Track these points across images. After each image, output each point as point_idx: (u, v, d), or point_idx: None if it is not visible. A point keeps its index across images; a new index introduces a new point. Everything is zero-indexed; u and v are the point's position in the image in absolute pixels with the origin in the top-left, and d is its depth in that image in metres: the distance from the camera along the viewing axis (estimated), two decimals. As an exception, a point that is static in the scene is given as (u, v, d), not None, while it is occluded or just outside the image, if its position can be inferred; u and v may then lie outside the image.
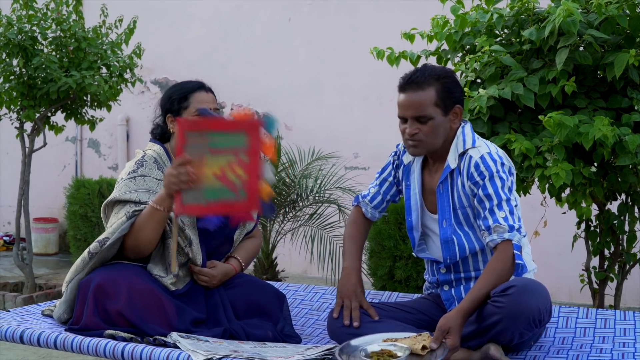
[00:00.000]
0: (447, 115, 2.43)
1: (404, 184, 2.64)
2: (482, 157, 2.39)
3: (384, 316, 2.50)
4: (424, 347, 2.15)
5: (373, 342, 2.24)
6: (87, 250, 2.54)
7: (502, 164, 2.41)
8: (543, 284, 2.31)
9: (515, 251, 2.30)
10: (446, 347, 2.14)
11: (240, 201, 2.41)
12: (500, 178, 2.37)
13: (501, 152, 2.47)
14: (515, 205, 2.38)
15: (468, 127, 2.50)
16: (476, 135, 2.50)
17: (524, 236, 2.36)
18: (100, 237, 2.52)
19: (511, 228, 2.32)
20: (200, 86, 2.70)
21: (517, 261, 2.29)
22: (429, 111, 2.39)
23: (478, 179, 2.38)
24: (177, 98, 2.66)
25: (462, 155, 2.45)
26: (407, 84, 2.41)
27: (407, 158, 2.62)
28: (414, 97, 2.39)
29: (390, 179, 2.69)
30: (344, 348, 2.23)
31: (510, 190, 2.39)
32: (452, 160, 2.45)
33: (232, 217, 2.50)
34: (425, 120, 2.40)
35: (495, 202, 2.35)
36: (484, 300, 2.25)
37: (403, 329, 2.39)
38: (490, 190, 2.36)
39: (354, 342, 2.26)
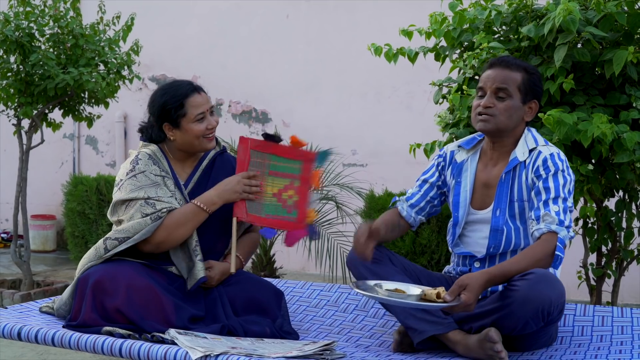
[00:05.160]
0: (524, 104, 2.48)
1: (453, 182, 2.62)
2: (551, 155, 2.43)
3: (407, 275, 2.52)
4: (438, 295, 2.18)
5: (389, 283, 2.32)
6: (103, 244, 2.53)
7: (568, 167, 2.43)
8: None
9: (558, 244, 2.29)
10: (460, 301, 2.14)
11: (292, 220, 2.67)
12: (564, 177, 2.40)
13: None
14: (571, 210, 2.38)
15: (534, 130, 2.55)
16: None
17: (572, 237, 2.36)
18: (119, 235, 2.52)
19: (561, 222, 2.32)
20: (192, 89, 2.64)
21: (556, 252, 2.28)
22: (510, 89, 2.44)
23: (542, 172, 2.40)
24: (173, 107, 2.61)
25: (531, 151, 2.48)
26: (498, 61, 2.50)
27: (460, 156, 2.63)
28: (501, 72, 2.47)
29: (432, 179, 2.67)
30: (359, 283, 2.33)
31: (570, 192, 2.39)
32: (520, 154, 2.48)
33: (287, 235, 2.70)
34: (504, 97, 2.45)
35: (552, 195, 2.36)
36: (511, 275, 2.24)
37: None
38: (551, 184, 2.37)
39: (370, 281, 2.35)
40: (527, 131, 2.53)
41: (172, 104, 2.61)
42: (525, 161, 2.47)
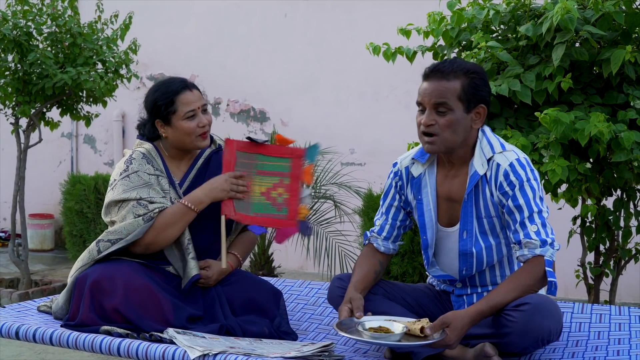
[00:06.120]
0: (469, 113, 2.28)
1: (414, 200, 2.49)
2: (511, 165, 2.28)
3: (391, 298, 2.47)
4: (422, 330, 2.16)
5: (372, 320, 2.26)
6: (96, 246, 2.54)
7: (532, 170, 2.29)
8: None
9: (547, 268, 2.21)
10: (445, 335, 2.12)
11: (283, 218, 2.64)
12: (531, 187, 2.26)
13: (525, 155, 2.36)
14: (546, 214, 2.28)
15: (489, 130, 2.38)
16: (502, 139, 2.38)
17: (557, 249, 2.27)
18: (112, 237, 2.52)
19: (543, 243, 2.23)
20: (183, 86, 2.63)
21: (549, 279, 2.21)
22: (450, 102, 2.25)
23: (507, 189, 2.27)
24: (164, 104, 2.60)
25: (489, 161, 2.32)
26: (432, 71, 2.29)
27: (416, 170, 2.47)
28: (437, 85, 2.26)
29: (395, 203, 2.54)
30: (343, 322, 2.26)
31: (541, 200, 2.28)
32: (479, 166, 2.32)
33: (277, 232, 2.67)
34: (444, 112, 2.26)
35: (526, 214, 2.24)
36: (501, 307, 2.18)
37: (404, 313, 2.39)
38: (521, 201, 2.25)
39: (354, 319, 2.27)
40: (482, 134, 2.35)
41: (163, 101, 2.61)
42: (486, 174, 2.32)
